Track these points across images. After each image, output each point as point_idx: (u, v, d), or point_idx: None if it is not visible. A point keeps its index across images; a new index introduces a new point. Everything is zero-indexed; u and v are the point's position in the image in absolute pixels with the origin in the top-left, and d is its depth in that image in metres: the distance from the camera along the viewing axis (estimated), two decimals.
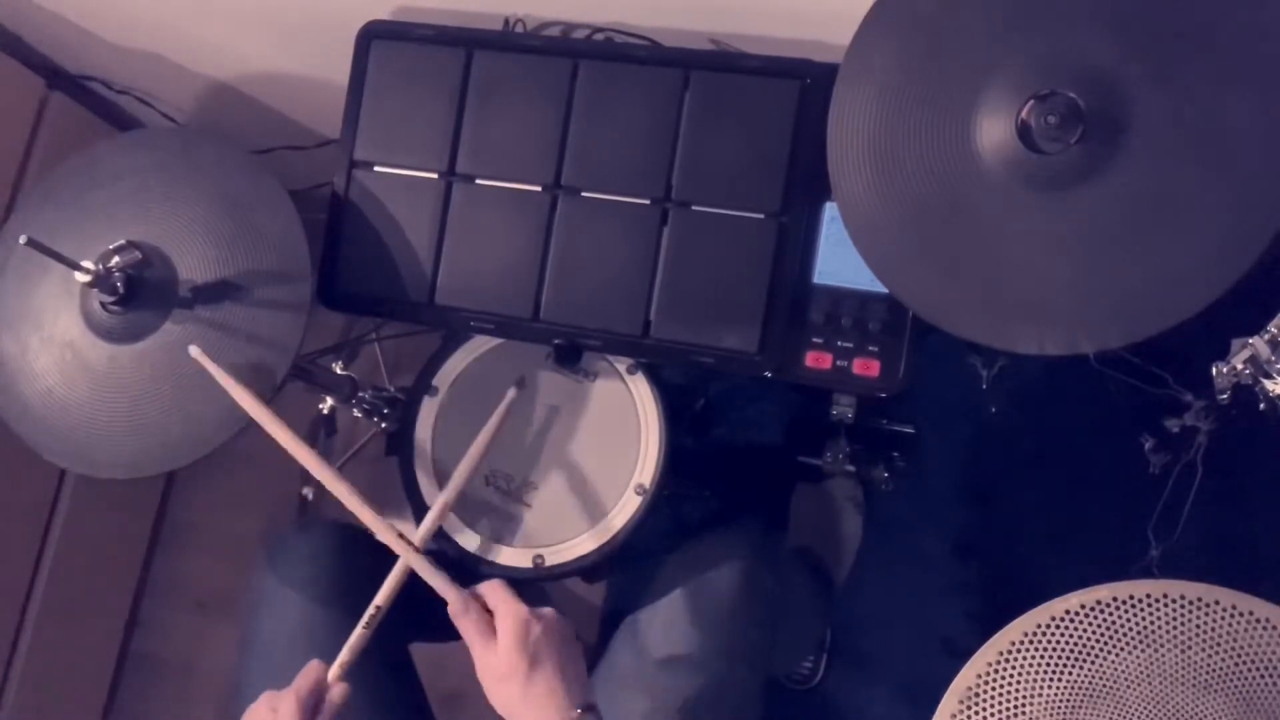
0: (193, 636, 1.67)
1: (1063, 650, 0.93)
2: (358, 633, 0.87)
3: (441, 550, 1.03)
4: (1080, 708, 0.92)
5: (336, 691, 0.83)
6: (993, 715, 0.93)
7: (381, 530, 0.91)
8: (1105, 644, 0.92)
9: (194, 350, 0.93)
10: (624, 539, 1.01)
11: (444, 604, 0.87)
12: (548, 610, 0.86)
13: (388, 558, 0.99)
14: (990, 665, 0.94)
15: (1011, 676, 0.93)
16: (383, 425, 1.30)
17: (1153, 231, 0.76)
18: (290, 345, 0.96)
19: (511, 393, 1.03)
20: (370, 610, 0.88)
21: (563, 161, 1.00)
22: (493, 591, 0.87)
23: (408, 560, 0.90)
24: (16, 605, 1.42)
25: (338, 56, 1.06)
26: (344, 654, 0.86)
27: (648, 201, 0.99)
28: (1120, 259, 0.77)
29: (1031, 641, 0.94)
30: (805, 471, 1.36)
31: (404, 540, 0.90)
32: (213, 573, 1.67)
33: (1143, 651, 0.91)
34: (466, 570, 1.04)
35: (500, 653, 0.83)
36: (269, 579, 1.04)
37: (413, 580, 0.92)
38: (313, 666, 0.84)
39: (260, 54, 1.30)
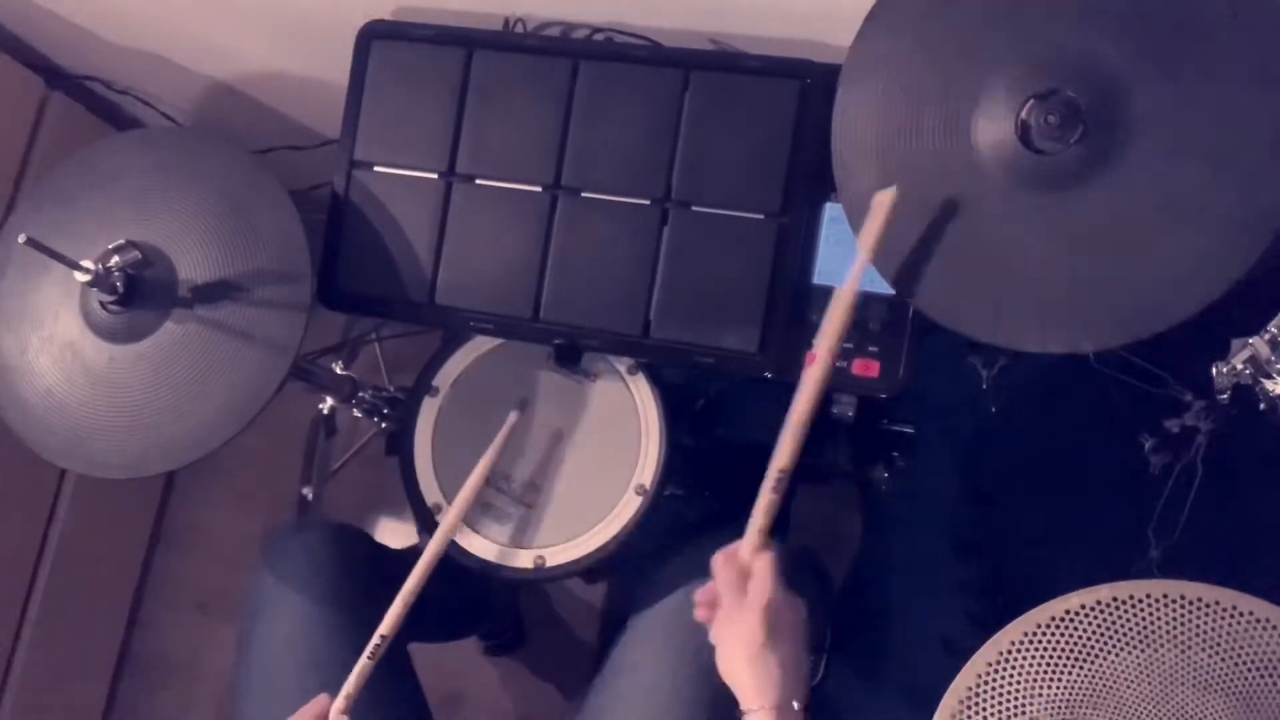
0: (193, 636, 1.67)
1: (1063, 650, 0.93)
2: (362, 663, 0.87)
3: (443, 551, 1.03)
4: (1080, 708, 0.92)
5: None
6: (993, 715, 0.93)
7: None
8: (1105, 644, 0.92)
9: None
10: (624, 539, 1.01)
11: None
12: (800, 601, 0.85)
13: (386, 559, 0.99)
14: (990, 665, 0.94)
15: (1011, 676, 0.93)
16: (383, 425, 1.30)
17: (1153, 231, 0.76)
18: (290, 345, 0.96)
19: (513, 416, 1.04)
20: (375, 640, 0.88)
21: (563, 161, 1.00)
22: (761, 563, 0.84)
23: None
24: (16, 605, 1.42)
25: (338, 56, 1.06)
26: (348, 686, 0.86)
27: (648, 201, 0.99)
28: (1120, 259, 0.77)
29: (1031, 641, 0.94)
30: (805, 471, 1.36)
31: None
32: (213, 573, 1.67)
33: (1143, 651, 0.91)
34: (469, 572, 1.04)
35: (746, 615, 0.82)
36: (268, 579, 1.04)
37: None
38: (319, 700, 0.84)
39: (260, 54, 1.30)
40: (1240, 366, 0.85)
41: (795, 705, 0.81)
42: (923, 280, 0.84)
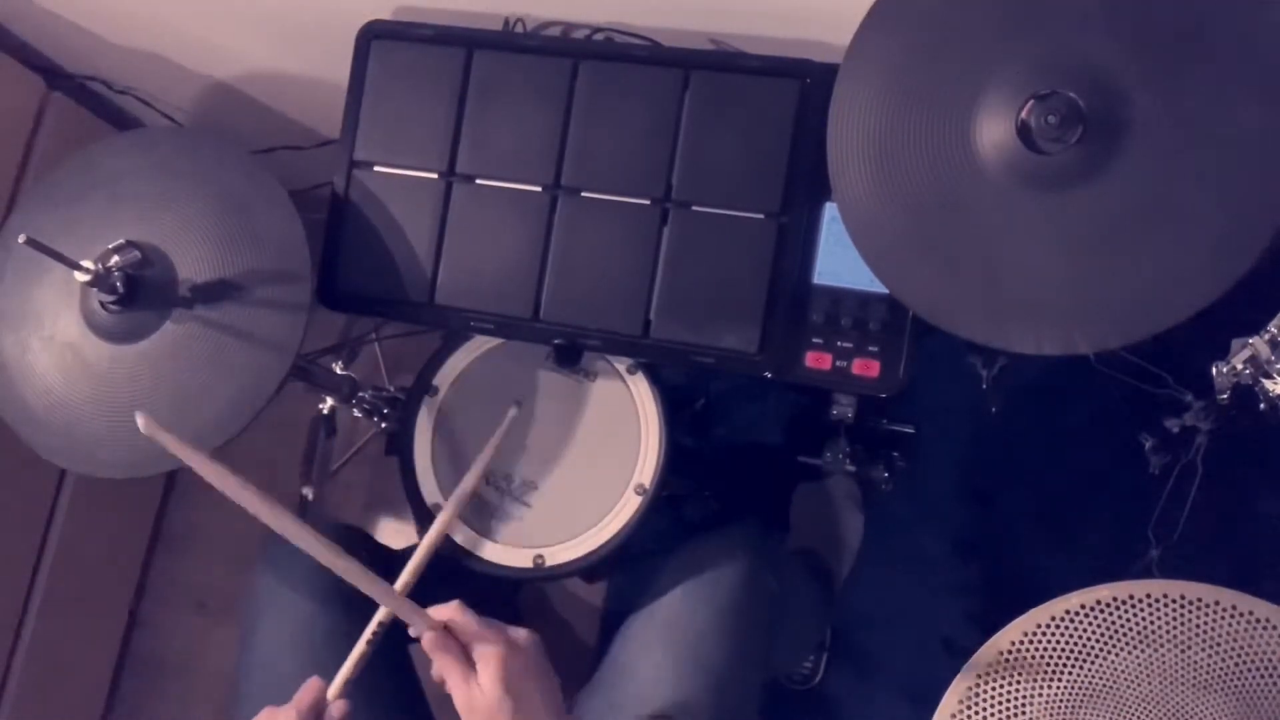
0: (193, 636, 1.67)
1: (1063, 650, 0.93)
2: (359, 649, 0.86)
3: (439, 550, 1.03)
4: (1080, 708, 0.92)
5: (336, 708, 0.83)
6: (993, 715, 0.93)
7: (353, 574, 0.82)
8: (1105, 644, 0.92)
9: (141, 421, 0.77)
10: (624, 539, 1.01)
11: (445, 599, 0.86)
12: (523, 636, 0.82)
13: (387, 561, 0.99)
14: (990, 665, 0.94)
15: (1011, 676, 0.93)
16: (383, 425, 1.30)
17: (1153, 231, 0.76)
18: (290, 345, 0.96)
19: (512, 412, 1.04)
20: (373, 626, 0.87)
21: (563, 161, 1.00)
22: (462, 622, 0.81)
23: (378, 598, 0.84)
24: (16, 605, 1.42)
25: (338, 56, 1.06)
26: (345, 670, 0.85)
27: (648, 201, 0.99)
28: (1120, 259, 0.77)
29: (1031, 641, 0.94)
30: (805, 471, 1.36)
31: (377, 581, 0.83)
32: (213, 573, 1.67)
33: (1143, 651, 0.91)
34: (465, 570, 1.04)
35: (485, 691, 0.79)
36: (269, 579, 1.04)
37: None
38: (313, 684, 0.83)
39: (260, 54, 1.30)
40: (1240, 366, 0.85)
41: None
42: (919, 281, 0.84)
